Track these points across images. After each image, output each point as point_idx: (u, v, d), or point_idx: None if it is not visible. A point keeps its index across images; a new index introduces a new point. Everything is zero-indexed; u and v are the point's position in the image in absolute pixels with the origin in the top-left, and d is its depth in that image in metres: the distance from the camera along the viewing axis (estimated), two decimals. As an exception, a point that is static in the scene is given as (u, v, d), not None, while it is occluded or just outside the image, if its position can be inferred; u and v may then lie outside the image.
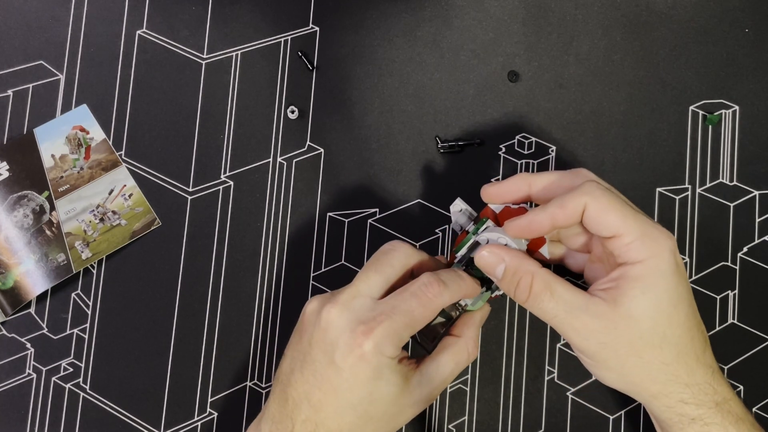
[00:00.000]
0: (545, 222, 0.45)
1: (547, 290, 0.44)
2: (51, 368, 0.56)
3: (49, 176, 0.56)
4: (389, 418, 0.46)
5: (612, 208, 0.43)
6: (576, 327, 0.44)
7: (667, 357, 0.44)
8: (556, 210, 0.45)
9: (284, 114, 0.59)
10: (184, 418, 0.55)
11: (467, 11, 0.60)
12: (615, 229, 0.43)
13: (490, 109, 0.59)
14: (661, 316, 0.43)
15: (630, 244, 0.43)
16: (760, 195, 0.58)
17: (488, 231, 0.48)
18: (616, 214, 0.43)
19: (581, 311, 0.44)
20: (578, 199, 0.44)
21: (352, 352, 0.43)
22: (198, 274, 0.57)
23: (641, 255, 0.43)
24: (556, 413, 0.55)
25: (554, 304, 0.44)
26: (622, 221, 0.43)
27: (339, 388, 0.44)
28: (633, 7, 0.60)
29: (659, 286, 0.43)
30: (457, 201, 0.51)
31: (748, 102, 0.59)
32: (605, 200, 0.44)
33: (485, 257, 0.46)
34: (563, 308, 0.44)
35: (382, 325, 0.44)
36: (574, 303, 0.44)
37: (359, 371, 0.44)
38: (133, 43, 0.59)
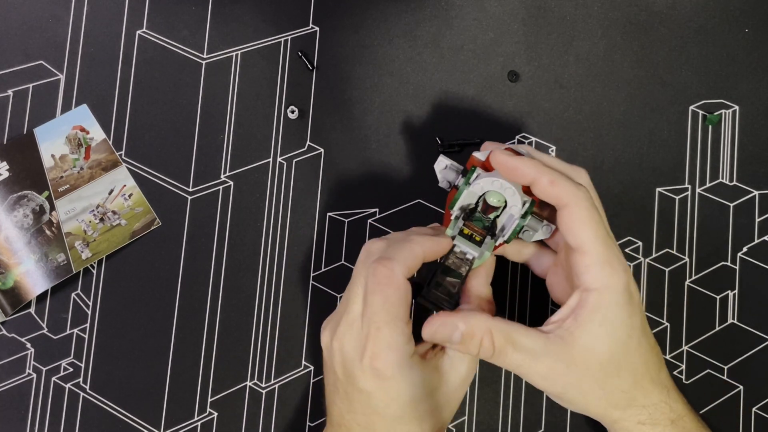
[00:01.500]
0: (529, 176, 0.45)
1: (509, 343, 0.44)
2: (51, 368, 0.56)
3: (49, 176, 0.56)
4: (443, 405, 0.47)
5: (589, 223, 0.44)
6: (541, 372, 0.44)
7: (625, 384, 0.45)
8: (545, 181, 0.44)
9: (284, 114, 0.59)
10: (184, 418, 0.55)
11: (467, 11, 0.60)
12: (582, 243, 0.44)
13: (490, 109, 0.59)
14: (617, 346, 0.44)
15: (589, 267, 0.44)
16: (760, 195, 0.58)
17: (480, 178, 0.46)
18: (589, 231, 0.44)
19: (544, 356, 0.44)
20: (568, 192, 0.44)
21: (369, 377, 0.45)
22: (198, 274, 0.57)
23: (597, 282, 0.44)
24: (556, 413, 0.55)
25: (518, 355, 0.44)
26: (592, 241, 0.44)
27: (377, 408, 0.45)
28: (633, 7, 0.60)
29: (614, 318, 0.44)
30: (441, 158, 0.49)
31: (748, 102, 0.59)
32: (587, 213, 0.44)
33: (435, 333, 0.44)
34: (527, 357, 0.44)
35: (378, 337, 0.44)
36: (536, 349, 0.44)
37: (386, 388, 0.45)
38: (133, 43, 0.59)
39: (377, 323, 0.44)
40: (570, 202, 0.44)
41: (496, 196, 0.46)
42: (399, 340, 0.44)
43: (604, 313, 0.44)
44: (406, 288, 0.45)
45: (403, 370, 0.45)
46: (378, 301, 0.44)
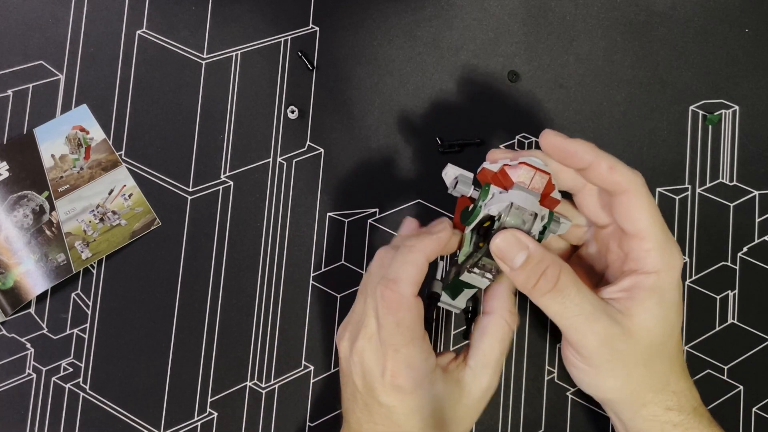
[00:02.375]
0: (586, 160, 0.44)
1: (575, 286, 0.43)
2: (51, 368, 0.56)
3: (49, 176, 0.56)
4: (463, 417, 0.46)
5: (648, 210, 0.44)
6: (596, 330, 0.43)
7: (665, 366, 0.46)
8: (604, 166, 0.44)
9: (284, 114, 0.59)
10: (184, 418, 0.55)
11: (467, 11, 0.60)
12: (641, 230, 0.44)
13: (490, 109, 0.59)
14: (667, 328, 0.45)
15: (650, 251, 0.44)
16: (760, 195, 0.58)
17: (495, 201, 0.44)
18: (648, 217, 0.44)
19: (603, 314, 0.43)
20: (627, 177, 0.44)
21: (391, 392, 0.45)
22: (198, 274, 0.57)
23: (657, 266, 0.44)
24: (556, 413, 0.55)
25: (579, 302, 0.43)
26: (651, 226, 0.44)
27: (398, 421, 0.45)
28: (633, 7, 0.60)
29: (670, 300, 0.44)
30: (449, 168, 0.47)
31: (748, 102, 0.59)
32: (647, 199, 0.44)
33: (500, 248, 0.43)
34: (587, 308, 0.43)
35: (397, 358, 0.44)
36: (597, 305, 0.43)
37: (408, 402, 0.45)
38: (133, 43, 0.59)
39: (394, 345, 0.44)
40: (629, 188, 0.44)
41: (515, 220, 0.43)
42: (418, 358, 0.44)
43: (661, 294, 0.44)
44: (417, 306, 0.45)
45: (424, 385, 0.45)
46: (391, 324, 0.44)
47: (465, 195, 0.47)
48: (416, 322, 0.45)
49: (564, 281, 0.43)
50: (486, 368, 0.47)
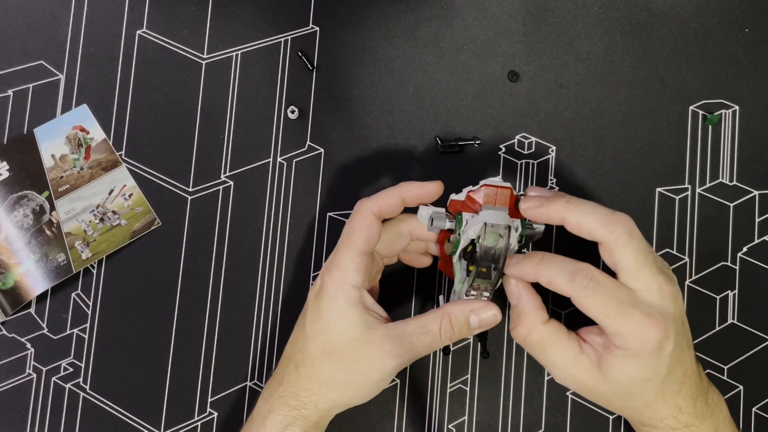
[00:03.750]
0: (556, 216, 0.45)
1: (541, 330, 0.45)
2: (51, 368, 0.56)
3: (49, 176, 0.56)
4: (356, 359, 0.46)
5: (580, 210, 0.44)
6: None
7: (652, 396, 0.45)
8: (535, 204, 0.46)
9: (284, 114, 0.59)
10: (184, 418, 0.55)
11: (467, 11, 0.60)
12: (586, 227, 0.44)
13: (490, 109, 0.59)
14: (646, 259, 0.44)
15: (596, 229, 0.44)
16: (760, 195, 0.58)
17: (470, 225, 0.46)
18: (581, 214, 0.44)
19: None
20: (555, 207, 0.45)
21: (313, 290, 0.48)
22: (198, 274, 0.57)
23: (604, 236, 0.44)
24: (556, 413, 0.55)
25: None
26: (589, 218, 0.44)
27: (303, 324, 0.48)
28: (633, 7, 0.60)
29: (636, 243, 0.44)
30: (421, 209, 0.49)
31: (748, 102, 0.59)
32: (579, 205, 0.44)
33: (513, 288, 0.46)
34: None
35: (335, 255, 0.47)
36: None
37: (317, 305, 0.47)
38: (133, 43, 0.59)
39: (338, 246, 0.48)
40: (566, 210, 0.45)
41: (492, 238, 0.45)
42: (348, 264, 0.46)
43: (625, 244, 0.43)
44: (370, 221, 0.47)
45: (339, 294, 0.46)
46: (345, 230, 0.48)
47: (443, 229, 0.48)
48: (361, 234, 0.47)
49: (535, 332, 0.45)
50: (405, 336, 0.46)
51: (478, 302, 0.46)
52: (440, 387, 0.56)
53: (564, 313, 0.56)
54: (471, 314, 0.46)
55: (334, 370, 0.47)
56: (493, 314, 0.46)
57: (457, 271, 0.48)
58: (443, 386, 0.56)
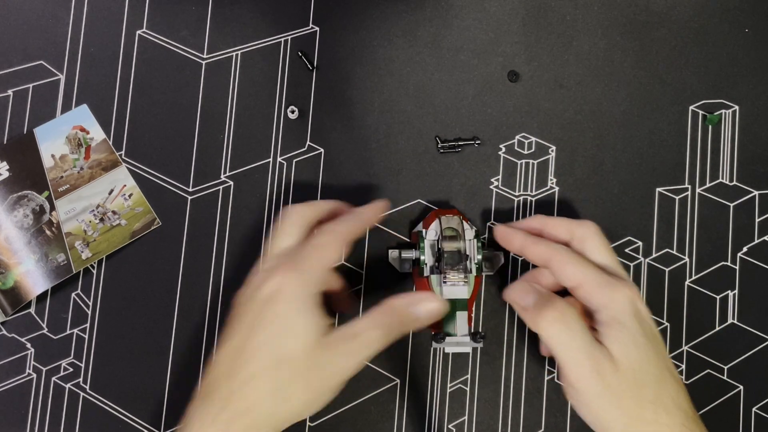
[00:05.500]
0: (517, 243, 0.51)
1: (578, 320, 0.46)
2: (51, 368, 0.56)
3: (49, 176, 0.56)
4: (315, 365, 0.44)
5: (572, 264, 0.48)
6: (591, 363, 0.46)
7: (651, 395, 0.45)
8: (528, 244, 0.51)
9: (284, 114, 0.59)
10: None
11: (467, 11, 0.60)
12: (575, 283, 0.48)
13: (490, 109, 0.59)
14: (642, 352, 0.46)
15: (589, 292, 0.47)
16: (759, 195, 0.58)
17: (428, 236, 0.53)
18: (575, 270, 0.48)
19: (596, 348, 0.46)
20: (546, 249, 0.50)
21: (258, 295, 0.45)
22: (198, 274, 0.57)
23: (602, 301, 0.47)
24: (556, 413, 0.55)
25: (581, 335, 0.46)
26: (581, 274, 0.48)
27: (245, 334, 0.45)
28: (633, 7, 0.60)
29: (632, 327, 0.46)
30: (390, 253, 0.56)
31: (748, 102, 0.59)
32: (568, 258, 0.49)
33: (513, 294, 0.50)
34: (587, 340, 0.46)
35: (293, 265, 0.46)
36: (592, 340, 0.46)
37: (269, 309, 0.45)
38: (133, 43, 0.59)
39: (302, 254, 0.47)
40: (551, 255, 0.49)
41: (449, 234, 0.53)
42: (315, 273, 0.46)
43: (621, 323, 0.46)
44: (341, 244, 0.48)
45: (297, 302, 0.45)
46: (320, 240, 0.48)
47: (413, 259, 0.55)
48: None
49: (571, 314, 0.47)
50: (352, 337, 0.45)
51: (420, 294, 0.48)
52: (440, 387, 0.56)
53: (564, 313, 0.56)
54: (415, 306, 0.47)
55: (290, 378, 0.43)
56: (436, 306, 0.47)
57: (434, 286, 0.51)
58: (443, 386, 0.56)
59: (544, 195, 0.58)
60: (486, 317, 0.56)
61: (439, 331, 0.50)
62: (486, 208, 0.58)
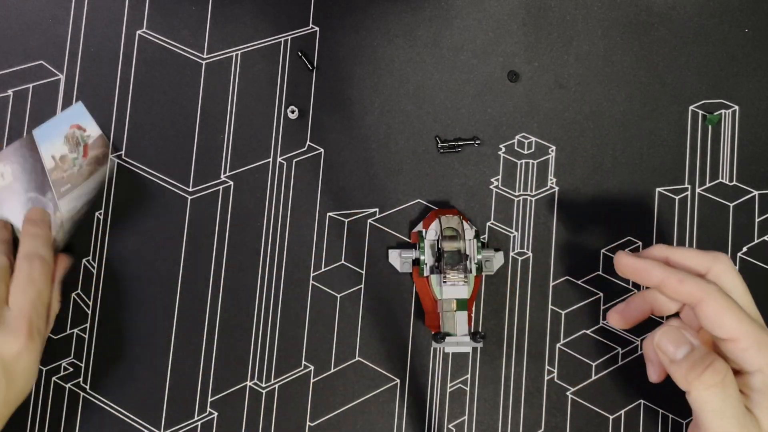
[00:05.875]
0: (657, 277, 0.45)
1: (735, 386, 0.41)
2: (51, 368, 0.56)
3: (51, 177, 0.56)
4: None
5: (728, 313, 0.43)
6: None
7: None
8: (674, 281, 0.44)
9: (284, 114, 0.59)
10: (184, 418, 0.55)
11: (467, 11, 0.60)
12: (729, 332, 0.42)
13: (490, 109, 0.59)
14: None
15: (746, 350, 0.42)
16: (759, 195, 0.58)
17: (428, 235, 0.54)
18: (732, 319, 0.42)
19: (748, 418, 0.42)
20: (698, 288, 0.43)
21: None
22: (198, 274, 0.57)
23: (758, 363, 0.42)
24: (556, 413, 0.55)
25: (737, 403, 0.41)
26: (737, 324, 0.42)
27: None
28: (633, 7, 0.60)
29: None
30: (390, 253, 0.56)
31: (748, 102, 0.59)
32: (724, 302, 0.43)
33: (663, 341, 0.43)
34: (741, 409, 0.42)
35: None
36: (745, 409, 0.42)
37: None
38: (133, 43, 0.59)
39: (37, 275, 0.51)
40: (703, 296, 0.43)
41: (449, 234, 0.53)
42: None
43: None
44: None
45: None
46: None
47: (413, 259, 0.55)
48: None
49: (730, 379, 0.41)
50: None
51: None
52: (440, 387, 0.56)
53: (564, 313, 0.56)
54: None
55: None
56: None
57: (434, 286, 0.52)
58: (443, 386, 0.56)
59: (544, 195, 0.58)
60: (486, 317, 0.56)
61: (439, 331, 0.50)
62: (486, 208, 0.58)
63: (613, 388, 0.56)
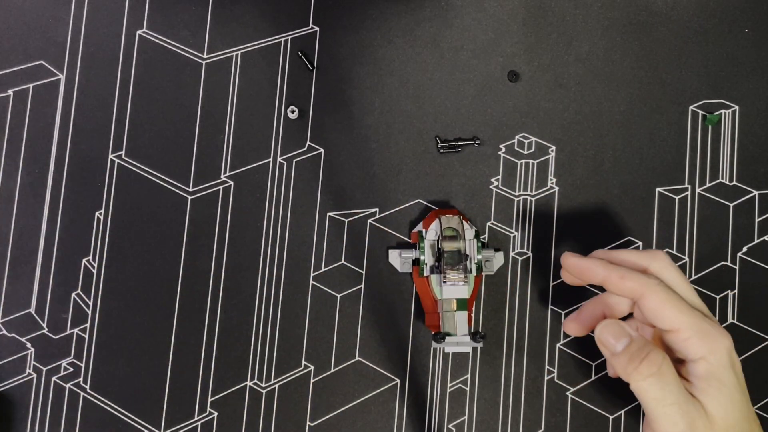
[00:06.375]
0: (600, 275, 0.46)
1: (673, 373, 0.43)
2: (51, 368, 0.56)
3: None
4: None
5: (669, 305, 0.44)
6: (687, 420, 0.42)
7: None
8: (615, 277, 0.45)
9: (284, 114, 0.59)
10: (184, 418, 0.55)
11: (467, 11, 0.60)
12: (671, 324, 0.44)
13: (490, 109, 0.59)
14: (737, 411, 0.43)
15: (688, 340, 0.44)
16: (759, 195, 0.58)
17: (428, 235, 0.54)
18: (672, 311, 0.44)
19: (692, 404, 0.43)
20: (639, 283, 0.45)
21: None
22: (198, 274, 0.57)
23: (700, 352, 0.43)
24: (556, 413, 0.55)
25: (677, 390, 0.43)
26: (678, 316, 0.44)
27: None
28: (633, 7, 0.60)
29: (730, 382, 0.43)
30: (390, 254, 0.56)
31: (748, 102, 0.59)
32: (665, 295, 0.44)
33: (599, 335, 0.45)
34: (682, 396, 0.43)
35: None
36: (688, 394, 0.43)
37: None
38: (133, 43, 0.59)
39: None
40: (644, 291, 0.44)
41: (449, 234, 0.53)
42: None
43: (719, 379, 0.43)
44: None
45: None
46: None
47: (413, 259, 0.55)
48: None
49: (666, 367, 0.43)
50: None
51: None
52: (440, 387, 0.56)
53: (564, 313, 0.56)
54: None
55: None
56: None
57: (434, 286, 0.52)
58: (443, 386, 0.56)
59: (544, 195, 0.58)
60: (486, 317, 0.56)
61: (439, 331, 0.50)
62: (486, 208, 0.58)
63: (613, 388, 0.56)
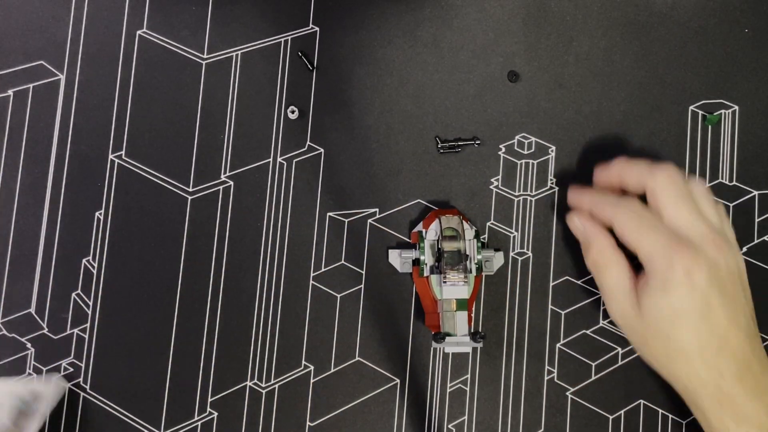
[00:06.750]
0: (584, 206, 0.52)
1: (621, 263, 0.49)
2: (51, 368, 0.56)
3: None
4: None
5: (628, 227, 0.48)
6: (625, 305, 0.48)
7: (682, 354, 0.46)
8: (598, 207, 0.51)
9: (284, 114, 0.59)
10: (184, 418, 0.55)
11: (467, 11, 0.60)
12: (631, 246, 0.48)
13: (490, 109, 0.59)
14: (675, 316, 0.46)
15: (647, 263, 0.47)
16: (759, 195, 0.58)
17: (428, 235, 0.54)
18: (631, 234, 0.48)
19: (628, 295, 0.48)
20: (609, 210, 0.50)
21: None
22: (198, 274, 0.57)
23: (659, 269, 0.46)
24: (556, 413, 0.55)
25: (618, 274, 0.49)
26: (637, 239, 0.48)
27: None
28: (633, 7, 0.60)
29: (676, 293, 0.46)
30: (390, 254, 0.56)
31: (748, 102, 0.59)
32: (624, 219, 0.49)
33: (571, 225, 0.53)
34: (622, 284, 0.49)
35: None
36: (629, 286, 0.49)
37: None
38: (133, 43, 0.59)
39: None
40: (612, 217, 0.49)
41: (449, 234, 0.53)
42: None
43: (663, 288, 0.46)
44: None
45: None
46: None
47: (413, 259, 0.55)
48: None
49: (610, 256, 0.49)
50: None
51: None
52: (440, 387, 0.56)
53: (564, 313, 0.56)
54: None
55: None
56: None
57: (434, 286, 0.52)
58: (443, 386, 0.56)
59: (544, 195, 0.58)
60: (486, 317, 0.56)
61: (439, 331, 0.50)
62: (486, 208, 0.58)
63: (613, 388, 0.56)
